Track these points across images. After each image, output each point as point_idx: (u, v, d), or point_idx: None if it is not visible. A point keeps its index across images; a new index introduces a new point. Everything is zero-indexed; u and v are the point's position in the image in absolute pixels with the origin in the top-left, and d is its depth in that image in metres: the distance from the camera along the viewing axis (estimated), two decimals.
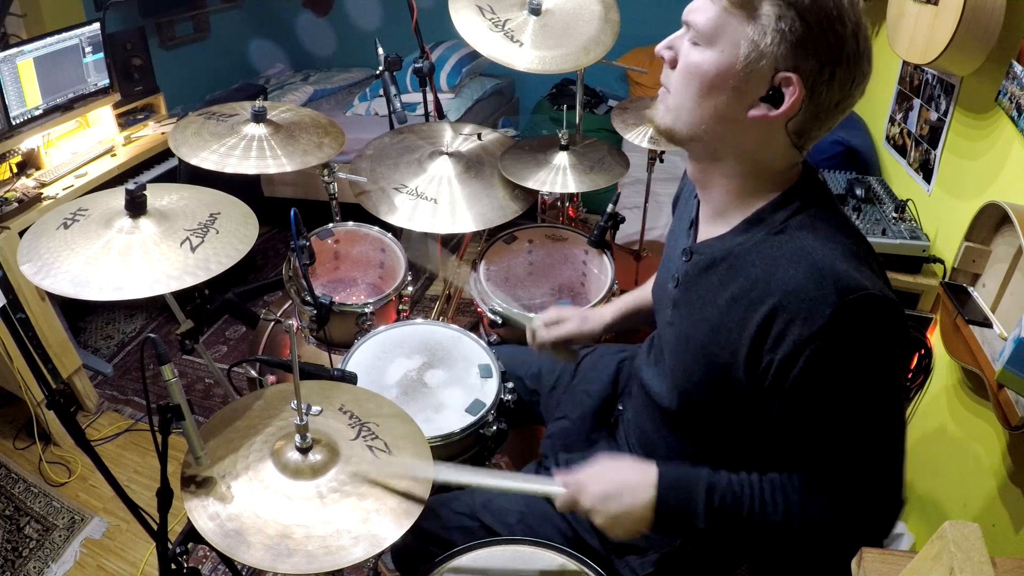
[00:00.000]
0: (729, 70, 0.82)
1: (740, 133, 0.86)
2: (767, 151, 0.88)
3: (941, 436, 1.59)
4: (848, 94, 0.82)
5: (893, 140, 1.99)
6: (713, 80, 0.83)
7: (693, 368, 0.96)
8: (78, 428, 1.22)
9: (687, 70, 0.86)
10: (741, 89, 0.83)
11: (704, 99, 0.85)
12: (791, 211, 0.88)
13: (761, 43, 0.79)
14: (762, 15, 0.79)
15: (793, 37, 0.78)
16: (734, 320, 0.88)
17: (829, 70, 0.79)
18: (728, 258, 0.91)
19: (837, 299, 0.78)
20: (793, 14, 0.77)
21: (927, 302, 1.65)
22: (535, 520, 1.16)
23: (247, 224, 1.18)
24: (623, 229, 2.04)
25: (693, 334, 0.95)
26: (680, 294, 1.00)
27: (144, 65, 2.76)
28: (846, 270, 0.80)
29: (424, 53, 2.03)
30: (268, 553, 0.86)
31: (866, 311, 0.79)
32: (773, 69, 0.80)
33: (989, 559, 0.63)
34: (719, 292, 0.91)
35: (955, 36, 1.35)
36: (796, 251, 0.84)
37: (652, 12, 3.69)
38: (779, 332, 0.82)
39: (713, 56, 0.83)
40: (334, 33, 4.35)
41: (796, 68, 0.79)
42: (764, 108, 0.83)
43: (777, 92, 0.81)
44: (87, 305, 2.86)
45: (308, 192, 3.30)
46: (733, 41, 0.81)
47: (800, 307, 0.80)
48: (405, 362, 1.46)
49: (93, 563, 1.91)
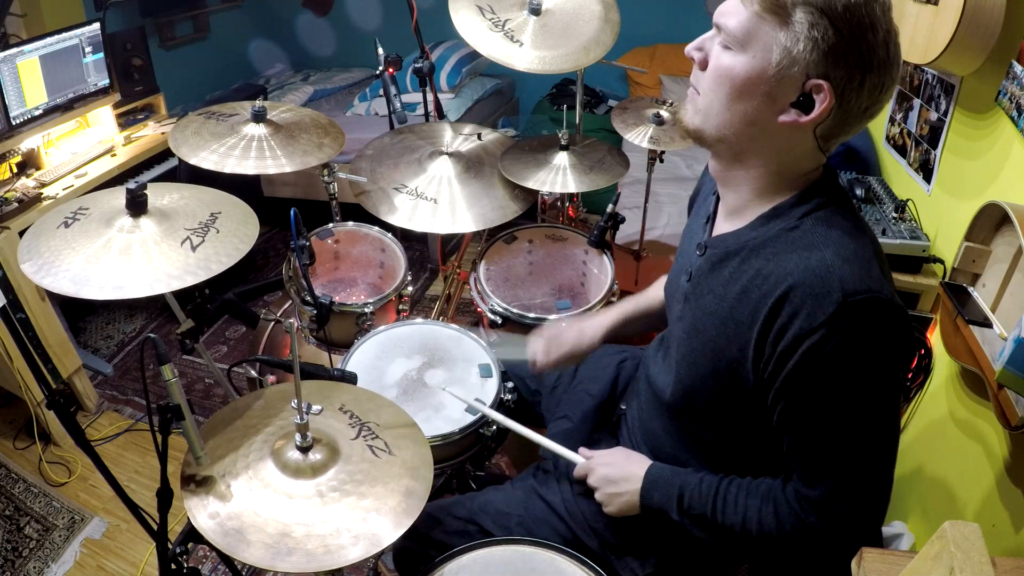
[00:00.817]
0: (761, 75, 0.82)
1: (768, 137, 0.86)
2: (793, 153, 0.88)
3: (941, 436, 1.59)
4: (876, 100, 0.83)
5: (893, 140, 1.99)
6: (744, 84, 0.83)
7: (699, 362, 0.96)
8: (78, 428, 1.22)
9: (718, 73, 0.85)
10: (772, 95, 0.83)
11: (734, 103, 0.85)
12: (808, 209, 0.88)
13: (794, 50, 0.79)
14: (795, 22, 0.79)
15: (826, 45, 0.78)
16: (743, 313, 0.88)
17: (860, 77, 0.79)
18: (741, 252, 0.92)
19: (841, 297, 0.79)
20: (826, 22, 0.77)
21: (927, 302, 1.65)
22: (534, 524, 1.16)
23: (247, 224, 1.19)
24: (623, 229, 2.04)
25: (702, 327, 0.95)
26: (692, 288, 1.00)
27: (144, 65, 2.76)
28: (854, 270, 0.81)
29: (424, 53, 2.04)
30: (268, 552, 0.86)
31: (869, 313, 0.79)
32: (804, 76, 0.80)
33: (989, 559, 0.63)
34: (730, 285, 0.91)
35: (955, 36, 1.35)
36: (808, 247, 0.84)
37: (652, 12, 3.70)
38: (782, 324, 0.83)
39: (745, 61, 0.83)
40: (334, 33, 4.35)
41: (827, 75, 0.79)
42: (794, 114, 0.83)
43: (807, 98, 0.81)
44: (87, 305, 2.86)
45: (308, 192, 3.30)
46: (765, 46, 0.81)
47: (804, 301, 0.81)
48: (405, 362, 1.46)
49: (93, 563, 1.91)
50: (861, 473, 0.86)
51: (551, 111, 3.76)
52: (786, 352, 0.83)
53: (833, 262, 0.81)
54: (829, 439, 0.85)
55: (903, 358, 0.85)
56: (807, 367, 0.82)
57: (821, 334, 0.80)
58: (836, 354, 0.80)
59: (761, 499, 0.94)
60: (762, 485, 0.97)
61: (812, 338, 0.80)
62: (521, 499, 1.21)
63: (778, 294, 0.83)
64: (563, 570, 1.04)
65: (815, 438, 0.86)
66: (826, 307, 0.79)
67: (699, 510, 0.98)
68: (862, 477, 0.86)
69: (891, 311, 0.81)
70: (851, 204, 0.91)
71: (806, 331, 0.80)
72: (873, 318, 0.80)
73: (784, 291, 0.83)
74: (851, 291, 0.79)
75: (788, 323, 0.82)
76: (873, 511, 0.88)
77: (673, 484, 1.02)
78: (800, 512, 0.90)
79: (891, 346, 0.82)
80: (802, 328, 0.81)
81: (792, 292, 0.82)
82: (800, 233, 0.86)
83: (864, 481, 0.86)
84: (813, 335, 0.80)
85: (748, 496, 0.96)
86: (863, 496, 0.87)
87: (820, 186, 0.90)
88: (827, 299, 0.79)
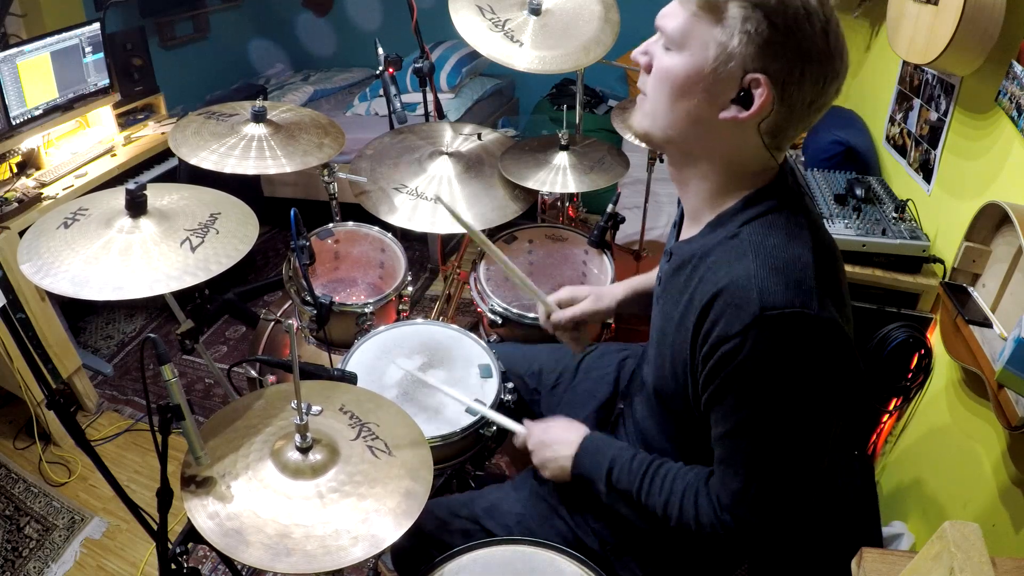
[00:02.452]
0: (699, 73, 0.82)
1: (713, 135, 0.87)
2: (740, 153, 0.88)
3: (941, 436, 1.59)
4: (822, 93, 0.82)
5: (893, 140, 1.99)
6: (684, 83, 0.84)
7: (665, 364, 0.98)
8: (78, 428, 1.22)
9: (659, 74, 0.87)
10: (711, 91, 0.83)
11: (676, 102, 0.86)
12: (750, 215, 0.88)
13: (729, 45, 0.80)
14: (729, 17, 0.79)
15: (760, 38, 0.78)
16: (688, 320, 0.89)
17: (799, 70, 0.79)
18: (692, 260, 0.92)
19: (759, 310, 0.79)
20: (759, 15, 0.77)
21: (927, 302, 1.65)
22: (534, 523, 1.16)
23: (247, 224, 1.18)
24: (623, 229, 2.04)
25: (666, 331, 0.97)
26: (661, 291, 1.03)
27: (144, 65, 2.76)
28: (779, 282, 0.80)
29: (424, 53, 2.04)
30: (267, 552, 0.86)
31: (786, 328, 0.79)
32: (742, 70, 0.80)
33: (989, 559, 0.64)
34: (683, 292, 0.92)
35: (955, 36, 1.35)
36: (738, 257, 0.84)
37: (652, 12, 3.70)
38: (706, 331, 0.85)
39: (683, 60, 0.83)
40: (334, 33, 4.35)
41: (764, 69, 0.79)
42: (735, 110, 0.83)
43: (747, 93, 0.81)
44: (87, 305, 2.86)
45: (308, 192, 3.30)
46: (702, 44, 0.82)
47: (725, 310, 0.82)
48: (405, 362, 1.46)
49: (93, 563, 1.91)
50: (768, 481, 0.87)
51: (551, 111, 3.75)
52: (705, 357, 0.85)
53: (757, 273, 0.81)
54: (739, 444, 0.88)
55: (827, 374, 0.83)
56: (720, 374, 0.84)
57: (734, 343, 0.81)
58: (747, 364, 0.81)
59: (686, 487, 0.97)
60: (690, 473, 0.99)
61: (726, 346, 0.82)
62: (522, 499, 1.21)
63: (706, 301, 0.85)
64: (563, 570, 1.04)
65: (729, 442, 0.89)
66: (743, 318, 0.80)
67: (625, 486, 1.01)
68: (768, 485, 0.88)
69: (814, 326, 0.80)
70: (804, 207, 0.90)
71: (722, 338, 0.82)
72: (790, 333, 0.79)
73: (711, 298, 0.84)
74: (769, 305, 0.79)
75: (710, 329, 0.84)
76: (774, 518, 0.90)
77: (605, 455, 1.05)
78: (717, 509, 0.93)
79: (809, 362, 0.81)
80: (719, 336, 0.82)
81: (717, 299, 0.83)
82: (737, 242, 0.86)
83: (770, 489, 0.88)
84: (727, 343, 0.81)
85: (674, 482, 0.98)
86: (767, 503, 0.88)
87: (769, 190, 0.89)
88: (744, 310, 0.80)
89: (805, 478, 0.88)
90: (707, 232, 0.92)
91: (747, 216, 0.88)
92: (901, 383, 1.68)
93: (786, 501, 0.89)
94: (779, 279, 0.81)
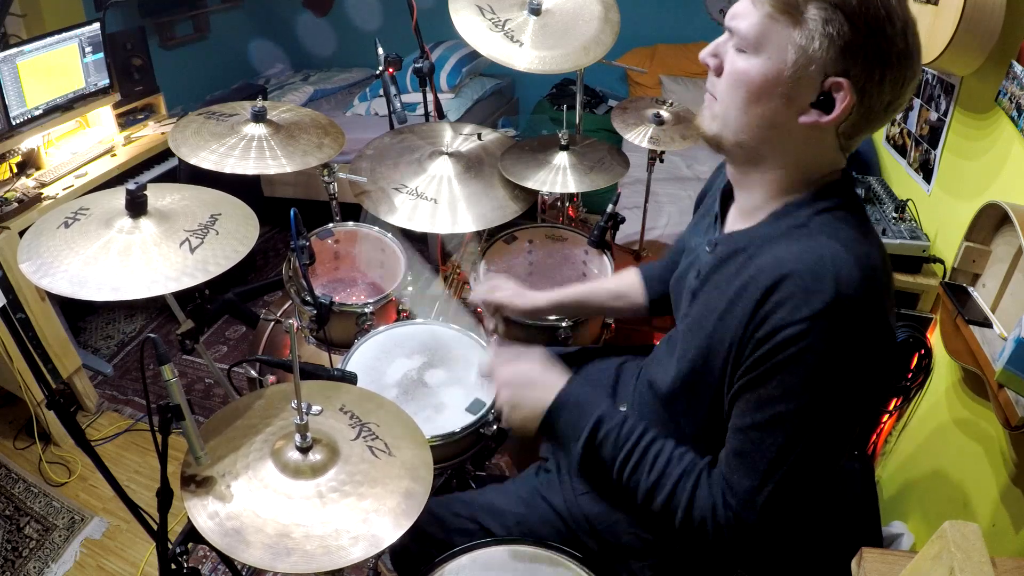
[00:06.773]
0: (777, 77, 0.80)
1: (789, 138, 0.85)
2: (813, 154, 0.86)
3: (941, 436, 1.59)
4: (899, 94, 0.80)
5: (893, 140, 1.99)
6: (761, 88, 0.82)
7: (694, 356, 0.94)
8: (78, 428, 1.22)
9: (734, 78, 0.84)
10: (790, 96, 0.81)
11: (752, 106, 0.83)
12: (821, 207, 0.86)
13: (809, 48, 0.78)
14: (808, 19, 0.77)
15: (841, 41, 0.76)
16: (742, 305, 0.85)
17: (880, 72, 0.77)
18: (749, 247, 0.90)
19: (834, 295, 0.76)
20: (841, 17, 0.75)
21: (927, 302, 1.65)
22: (534, 523, 1.16)
23: (247, 225, 1.18)
24: (623, 229, 2.04)
25: (704, 322, 0.93)
26: (700, 284, 0.98)
27: (144, 65, 2.76)
28: (855, 273, 0.78)
29: (424, 53, 2.04)
30: (267, 552, 0.86)
31: (856, 321, 0.77)
32: (823, 74, 0.78)
33: (989, 559, 0.63)
34: (733, 280, 0.89)
35: (955, 36, 1.35)
36: (811, 246, 0.81)
37: (652, 12, 3.70)
38: (766, 312, 0.80)
39: (760, 63, 0.81)
40: (334, 33, 4.35)
41: (846, 72, 0.77)
42: (815, 114, 0.81)
43: (827, 97, 0.79)
44: (87, 305, 2.86)
45: (308, 192, 3.30)
46: (779, 47, 0.79)
47: (793, 292, 0.78)
48: (405, 362, 1.46)
49: (93, 563, 1.91)
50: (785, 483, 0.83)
51: (551, 111, 3.76)
52: (760, 340, 0.81)
53: (835, 257, 0.78)
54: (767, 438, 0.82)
55: (874, 376, 0.81)
56: (773, 358, 0.80)
57: (799, 328, 0.77)
58: (807, 352, 0.77)
59: (682, 473, 0.91)
60: (687, 456, 0.93)
61: (789, 330, 0.78)
62: (522, 498, 1.21)
63: (769, 284, 0.80)
64: (563, 570, 1.04)
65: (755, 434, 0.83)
66: (813, 304, 0.76)
67: (609, 452, 0.93)
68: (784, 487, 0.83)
69: (880, 324, 0.78)
70: (864, 211, 0.89)
71: (787, 322, 0.78)
72: (858, 328, 0.77)
73: (775, 281, 0.80)
74: (845, 293, 0.76)
75: (771, 311, 0.80)
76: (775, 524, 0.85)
77: (588, 413, 0.95)
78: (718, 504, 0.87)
79: (867, 359, 0.79)
80: (783, 319, 0.78)
81: (783, 282, 0.79)
82: (808, 231, 0.84)
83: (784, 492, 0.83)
84: (791, 327, 0.77)
85: (668, 464, 0.92)
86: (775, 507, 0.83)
87: (835, 187, 0.88)
88: (816, 296, 0.76)
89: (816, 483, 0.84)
90: (771, 221, 0.89)
91: (817, 208, 0.85)
92: (901, 383, 1.68)
93: (792, 506, 0.85)
94: (855, 270, 0.78)
